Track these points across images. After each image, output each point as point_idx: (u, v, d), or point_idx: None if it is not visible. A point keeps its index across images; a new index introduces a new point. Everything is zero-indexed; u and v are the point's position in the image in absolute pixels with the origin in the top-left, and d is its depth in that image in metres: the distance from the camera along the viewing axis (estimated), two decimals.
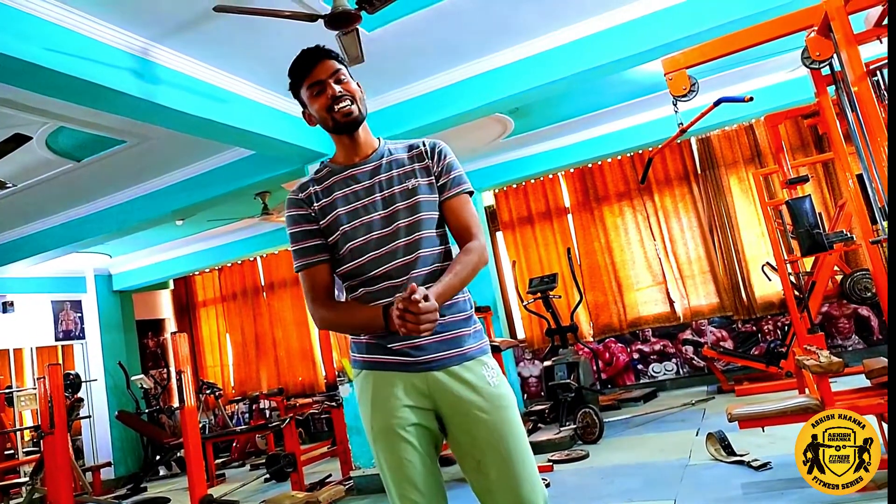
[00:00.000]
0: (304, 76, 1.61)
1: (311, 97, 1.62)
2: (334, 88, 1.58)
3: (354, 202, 1.61)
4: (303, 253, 1.62)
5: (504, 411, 1.54)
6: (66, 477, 5.18)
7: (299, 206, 1.64)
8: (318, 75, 1.59)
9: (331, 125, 1.62)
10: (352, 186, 1.63)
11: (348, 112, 1.59)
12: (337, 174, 1.66)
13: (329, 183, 1.66)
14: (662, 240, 7.44)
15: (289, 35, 3.77)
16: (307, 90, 1.62)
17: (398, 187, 1.62)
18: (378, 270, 1.57)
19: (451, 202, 1.65)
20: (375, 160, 1.66)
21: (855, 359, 5.83)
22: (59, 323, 8.62)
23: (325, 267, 1.62)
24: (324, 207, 1.63)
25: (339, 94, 1.58)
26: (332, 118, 1.60)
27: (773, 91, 6.24)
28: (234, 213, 7.13)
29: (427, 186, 1.64)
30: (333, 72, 1.60)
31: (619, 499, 3.51)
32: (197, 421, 4.52)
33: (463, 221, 1.64)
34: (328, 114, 1.60)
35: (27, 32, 3.08)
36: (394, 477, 1.51)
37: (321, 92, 1.60)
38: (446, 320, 1.55)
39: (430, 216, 1.62)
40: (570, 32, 4.43)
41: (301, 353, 9.09)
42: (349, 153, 1.67)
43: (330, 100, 1.58)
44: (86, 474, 7.60)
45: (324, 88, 1.59)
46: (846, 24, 3.00)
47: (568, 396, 5.36)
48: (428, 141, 1.72)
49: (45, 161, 5.00)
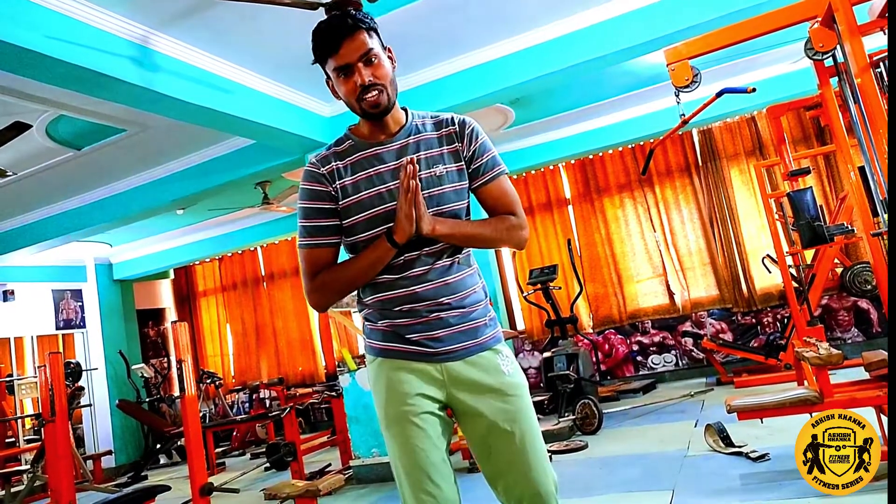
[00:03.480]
0: (331, 53, 1.48)
1: (337, 77, 1.51)
2: (363, 76, 1.47)
3: (379, 185, 1.53)
4: (312, 231, 1.55)
5: (518, 399, 1.55)
6: (67, 465, 5.20)
7: (319, 182, 1.55)
8: (347, 57, 1.47)
9: (358, 111, 1.54)
10: (377, 167, 1.54)
11: (376, 103, 1.49)
12: (360, 151, 1.57)
13: (352, 160, 1.56)
14: (663, 231, 7.44)
15: (289, 23, 3.75)
16: (334, 70, 1.50)
17: (425, 173, 1.53)
18: (399, 259, 1.52)
19: (489, 187, 1.59)
20: (402, 138, 1.57)
21: (854, 351, 5.84)
22: (59, 312, 8.63)
23: (332, 251, 1.57)
24: (345, 187, 1.54)
25: (369, 82, 1.47)
26: (360, 107, 1.51)
27: (775, 82, 6.22)
28: (235, 202, 7.12)
29: (456, 173, 1.57)
30: (365, 52, 1.47)
31: (618, 489, 3.53)
32: (197, 410, 4.52)
33: (506, 204, 1.60)
34: (356, 101, 1.51)
35: (28, 20, 3.07)
36: (406, 464, 1.49)
37: (348, 76, 1.49)
38: (465, 311, 1.55)
39: (456, 206, 1.56)
40: (571, 22, 4.41)
41: (301, 342, 9.11)
42: (374, 131, 1.58)
43: (358, 87, 1.48)
44: (86, 462, 7.64)
45: (351, 73, 1.48)
46: (850, 15, 2.98)
47: (567, 387, 5.37)
48: (457, 118, 1.62)
49: (45, 149, 4.99)
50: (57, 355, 5.25)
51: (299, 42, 4.08)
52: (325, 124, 5.18)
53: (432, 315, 1.52)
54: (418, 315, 1.52)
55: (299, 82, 4.71)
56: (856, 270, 5.87)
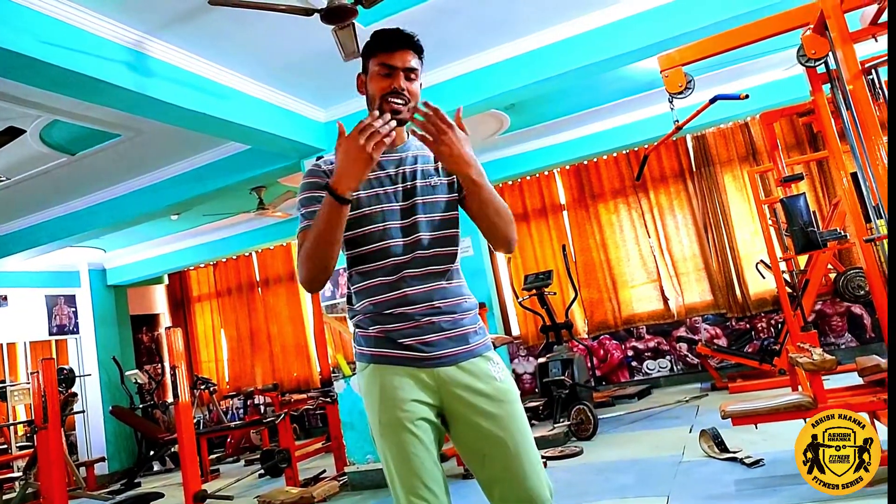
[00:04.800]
0: (384, 51, 1.59)
1: (376, 74, 1.59)
2: (401, 82, 1.57)
3: (377, 187, 1.59)
4: (309, 215, 1.56)
5: (510, 405, 1.56)
6: (60, 472, 5.17)
7: (319, 177, 1.61)
8: (396, 61, 1.58)
9: (375, 108, 1.59)
10: (376, 172, 1.60)
11: (398, 111, 1.56)
12: None
13: None
14: (657, 237, 7.46)
15: (285, 29, 3.76)
16: (377, 65, 1.59)
17: (421, 182, 1.61)
18: (393, 260, 1.56)
19: None
20: (401, 151, 1.65)
21: (848, 357, 5.85)
22: (52, 317, 8.59)
23: None
24: None
25: (402, 90, 1.57)
26: (381, 106, 1.57)
27: (768, 89, 6.26)
28: (230, 207, 7.11)
29: (447, 186, 1.64)
30: (410, 68, 1.59)
31: (613, 495, 3.52)
32: (191, 416, 4.51)
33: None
34: (381, 100, 1.57)
35: (21, 25, 3.07)
36: (400, 470, 1.49)
37: (388, 76, 1.58)
38: (456, 317, 1.58)
39: (448, 216, 1.62)
40: (565, 29, 4.43)
41: (296, 348, 9.09)
42: None
43: (390, 89, 1.57)
44: (79, 469, 7.59)
45: (392, 75, 1.58)
46: (842, 23, 3.00)
47: (562, 393, 5.37)
48: None
49: (38, 155, 4.97)
50: (50, 361, 5.23)
51: (294, 47, 4.13)
52: (321, 129, 5.18)
53: (424, 319, 1.54)
54: (411, 319, 1.54)
55: (294, 87, 4.71)
56: (849, 276, 5.90)
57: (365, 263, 1.59)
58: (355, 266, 1.61)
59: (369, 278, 1.58)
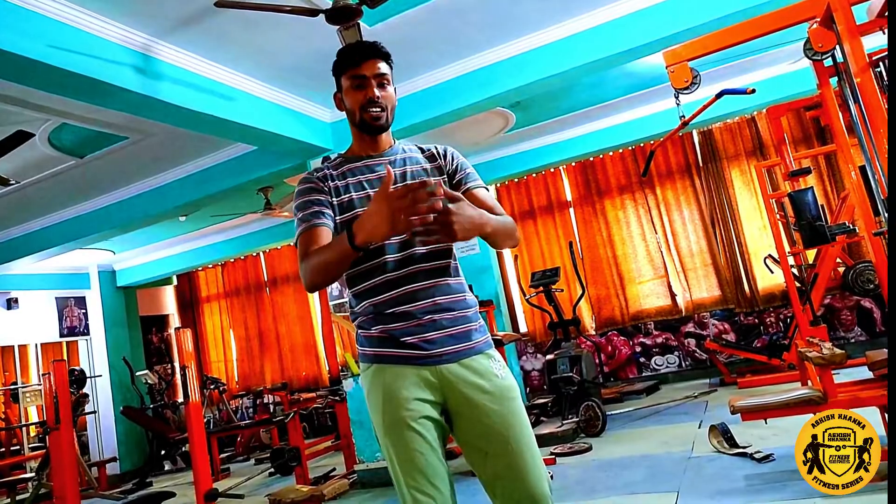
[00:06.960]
0: (351, 66, 1.64)
1: (349, 88, 1.65)
2: (374, 91, 1.62)
3: (368, 189, 1.64)
4: (309, 216, 1.59)
5: (511, 402, 1.58)
6: (72, 472, 5.21)
7: (313, 182, 1.66)
8: (364, 71, 1.62)
9: (357, 122, 1.66)
10: (367, 174, 1.66)
11: (377, 117, 1.63)
12: (352, 162, 1.70)
13: (344, 169, 1.68)
14: (664, 233, 7.44)
15: (290, 30, 3.77)
16: (349, 79, 1.64)
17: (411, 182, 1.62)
18: (390, 260, 1.58)
19: (476, 191, 1.69)
20: (390, 155, 1.71)
21: (857, 351, 5.83)
22: (63, 319, 8.66)
23: (328, 231, 1.59)
24: (338, 188, 1.65)
25: (377, 98, 1.62)
26: (362, 117, 1.64)
27: (774, 83, 6.23)
28: (237, 208, 7.13)
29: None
30: (380, 74, 1.63)
31: (622, 491, 3.53)
32: (202, 416, 4.54)
33: (491, 207, 1.64)
34: (359, 111, 1.64)
35: (30, 30, 3.09)
36: (405, 469, 1.51)
37: (360, 88, 1.63)
38: (457, 315, 1.60)
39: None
40: (571, 25, 4.42)
41: (304, 347, 9.12)
42: (366, 147, 1.71)
43: (366, 100, 1.62)
44: (91, 469, 7.66)
45: (364, 86, 1.63)
46: (849, 15, 2.99)
47: (570, 390, 5.37)
48: (439, 146, 1.78)
49: (47, 158, 5.01)
50: (61, 363, 5.27)
51: (300, 48, 4.14)
52: (327, 129, 5.20)
53: (426, 317, 1.57)
54: (412, 317, 1.56)
55: (300, 88, 4.72)
56: (858, 269, 5.86)
57: (362, 265, 1.60)
58: (353, 268, 1.61)
59: (368, 279, 1.60)
